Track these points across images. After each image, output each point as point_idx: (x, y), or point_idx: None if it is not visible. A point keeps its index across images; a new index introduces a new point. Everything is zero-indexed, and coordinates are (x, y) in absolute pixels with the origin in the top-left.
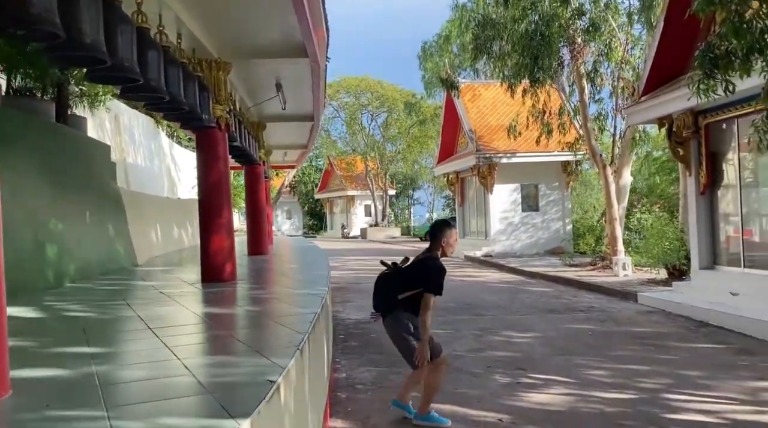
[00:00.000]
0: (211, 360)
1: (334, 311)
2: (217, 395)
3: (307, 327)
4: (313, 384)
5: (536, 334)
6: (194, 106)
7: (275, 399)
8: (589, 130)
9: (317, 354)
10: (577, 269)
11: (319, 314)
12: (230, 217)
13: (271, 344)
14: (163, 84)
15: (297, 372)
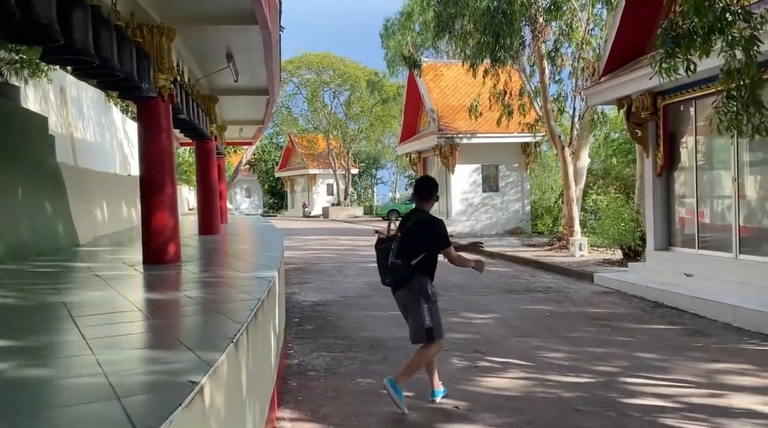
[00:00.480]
0: (131, 356)
1: (290, 293)
2: (127, 400)
3: (247, 315)
4: (255, 376)
5: (495, 315)
6: (131, 73)
7: (197, 403)
8: (549, 111)
9: (262, 343)
10: (535, 249)
11: (264, 301)
12: (174, 194)
13: (203, 336)
14: (91, 46)
15: (231, 367)
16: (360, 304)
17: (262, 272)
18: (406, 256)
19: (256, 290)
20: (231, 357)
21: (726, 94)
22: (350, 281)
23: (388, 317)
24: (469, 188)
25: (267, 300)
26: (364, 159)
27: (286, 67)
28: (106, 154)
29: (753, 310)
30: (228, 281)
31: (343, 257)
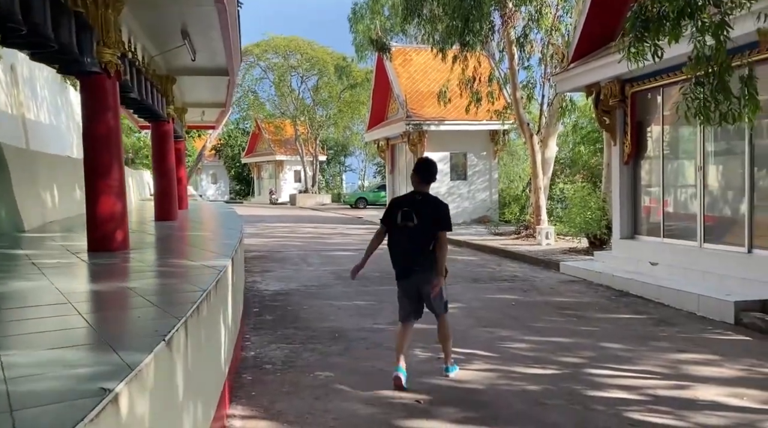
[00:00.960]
0: (41, 358)
1: (251, 281)
2: (22, 414)
3: (188, 309)
4: (198, 374)
5: (460, 305)
6: (69, 45)
7: (109, 415)
8: (518, 98)
9: (208, 338)
10: (502, 238)
11: (212, 292)
12: (121, 177)
13: (133, 333)
14: (17, 11)
15: (161, 369)
16: (323, 293)
17: (215, 260)
18: (424, 238)
19: (205, 280)
20: (161, 357)
21: (694, 80)
22: (314, 270)
23: (351, 307)
24: (437, 176)
25: (216, 292)
26: (333, 146)
27: (252, 51)
28: (62, 136)
29: (716, 299)
30: (176, 271)
31: (308, 245)
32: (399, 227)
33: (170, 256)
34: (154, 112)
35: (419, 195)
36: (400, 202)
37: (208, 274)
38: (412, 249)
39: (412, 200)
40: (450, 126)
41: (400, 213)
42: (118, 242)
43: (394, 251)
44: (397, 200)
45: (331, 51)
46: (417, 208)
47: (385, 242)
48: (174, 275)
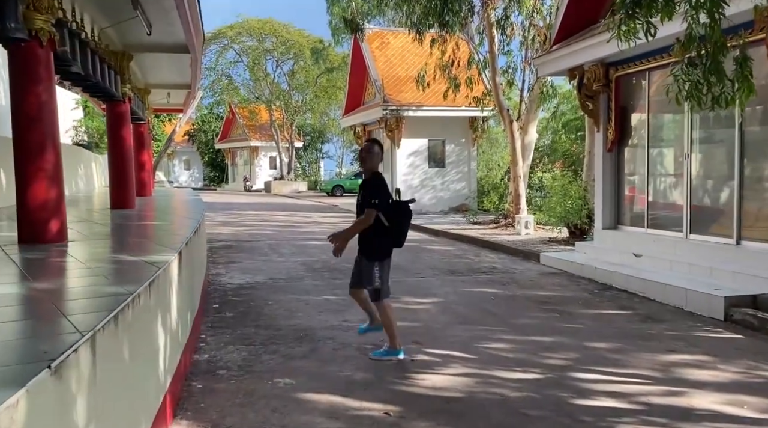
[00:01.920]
0: None
1: (214, 274)
2: None
3: (100, 320)
4: (121, 393)
5: (436, 299)
6: None
7: None
8: (498, 83)
9: (137, 349)
10: (481, 227)
11: (141, 295)
12: (57, 160)
13: (17, 354)
14: None
15: (48, 401)
16: (291, 287)
17: (159, 255)
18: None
19: (139, 280)
20: (44, 389)
21: (687, 61)
22: (284, 261)
23: (320, 303)
24: (414, 164)
25: (151, 293)
26: (310, 132)
27: (225, 33)
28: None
29: (704, 294)
30: (109, 268)
31: (280, 235)
32: (403, 204)
33: (111, 249)
34: (106, 91)
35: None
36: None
37: (145, 272)
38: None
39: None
40: (428, 112)
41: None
42: (53, 233)
43: (401, 229)
44: (384, 183)
45: (307, 34)
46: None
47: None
48: (105, 274)
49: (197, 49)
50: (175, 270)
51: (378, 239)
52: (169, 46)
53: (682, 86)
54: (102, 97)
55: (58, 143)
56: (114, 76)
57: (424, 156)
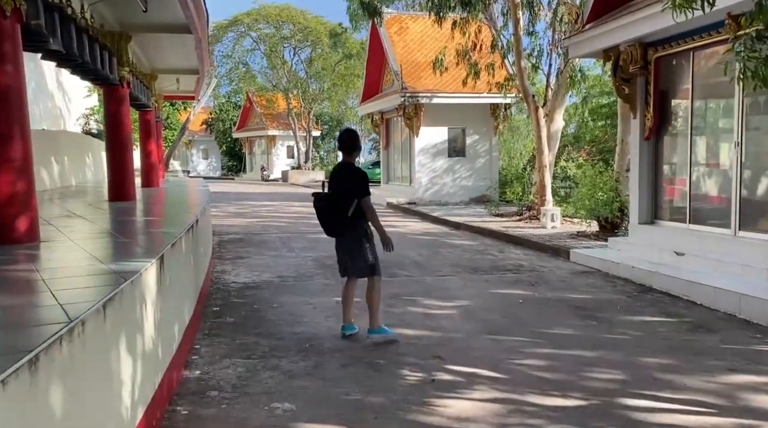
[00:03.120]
0: None
1: (219, 271)
2: None
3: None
4: None
5: (459, 303)
6: None
7: None
8: (522, 68)
9: (84, 385)
10: (503, 220)
11: (85, 322)
12: (26, 150)
13: None
14: None
15: None
16: (299, 287)
17: (134, 261)
18: (335, 203)
19: (93, 297)
20: None
21: (755, 35)
22: (294, 256)
23: (329, 306)
24: (434, 153)
25: (109, 314)
26: (327, 121)
27: (242, 20)
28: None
29: (763, 300)
30: (66, 280)
31: (294, 227)
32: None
33: (83, 253)
34: (97, 73)
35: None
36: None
37: (102, 283)
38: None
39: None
40: (448, 99)
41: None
42: (20, 232)
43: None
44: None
45: (325, 21)
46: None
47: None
48: (57, 288)
49: (199, 29)
50: (153, 280)
51: (361, 221)
52: (169, 25)
53: (744, 65)
54: (96, 80)
55: (27, 129)
56: (109, 57)
57: (443, 145)
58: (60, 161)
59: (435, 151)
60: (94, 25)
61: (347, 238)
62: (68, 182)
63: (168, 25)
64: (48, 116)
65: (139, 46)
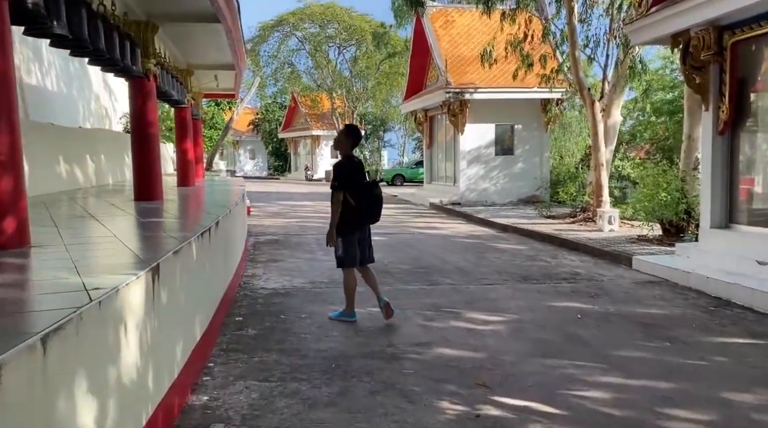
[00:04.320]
0: None
1: (249, 275)
2: None
3: None
4: None
5: (507, 317)
6: None
7: None
8: (577, 59)
9: None
10: (555, 222)
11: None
12: (13, 144)
13: None
14: None
15: None
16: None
17: (119, 273)
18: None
19: (40, 324)
20: None
21: None
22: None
23: (361, 318)
24: (480, 150)
25: (55, 348)
26: (371, 121)
27: (287, 20)
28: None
29: None
30: (15, 301)
31: None
32: (370, 186)
33: (70, 261)
34: (117, 64)
35: (356, 159)
36: (355, 167)
37: (58, 310)
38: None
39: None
40: (495, 94)
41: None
42: (6, 236)
43: (374, 206)
44: (352, 166)
45: (369, 19)
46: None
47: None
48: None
49: (228, 18)
50: (139, 296)
51: (343, 216)
52: (196, 14)
53: None
54: (118, 71)
55: (15, 120)
56: (132, 48)
57: (490, 143)
58: (96, 160)
59: (481, 149)
60: (115, 12)
61: (369, 226)
62: (105, 180)
63: (195, 14)
64: (93, 116)
65: (171, 38)
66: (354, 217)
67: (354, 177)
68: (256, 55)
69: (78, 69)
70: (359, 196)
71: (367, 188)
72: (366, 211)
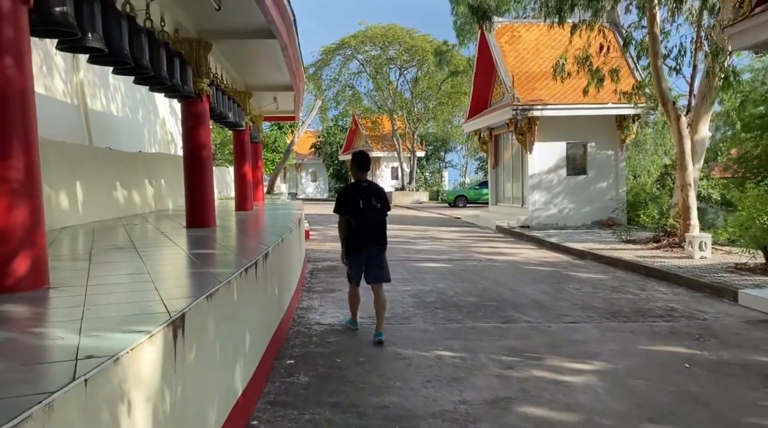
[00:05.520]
0: None
1: (304, 307)
2: None
3: None
4: None
5: (599, 365)
6: None
7: None
8: (660, 70)
9: None
10: (637, 248)
11: None
12: (30, 167)
13: None
14: None
15: None
16: (393, 333)
17: (130, 330)
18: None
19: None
20: None
21: None
22: (390, 290)
23: (429, 364)
24: (549, 171)
25: None
26: (432, 141)
27: (349, 43)
28: (137, 131)
29: None
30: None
31: (391, 252)
32: (365, 210)
33: (82, 307)
34: (164, 82)
35: (365, 183)
36: (355, 192)
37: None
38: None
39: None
40: (566, 111)
41: (361, 200)
42: (17, 277)
43: (362, 229)
44: (352, 191)
45: (431, 39)
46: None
47: None
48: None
49: (283, 33)
50: (154, 360)
51: (347, 239)
52: (250, 30)
53: None
54: (167, 91)
55: (33, 143)
56: (182, 66)
57: (561, 161)
58: (156, 185)
59: (551, 168)
60: (164, 28)
61: (382, 249)
62: (164, 205)
63: (250, 30)
64: (158, 141)
65: (227, 58)
66: (354, 240)
67: (352, 202)
68: (318, 79)
69: (144, 95)
70: (355, 220)
71: (358, 212)
72: (360, 234)
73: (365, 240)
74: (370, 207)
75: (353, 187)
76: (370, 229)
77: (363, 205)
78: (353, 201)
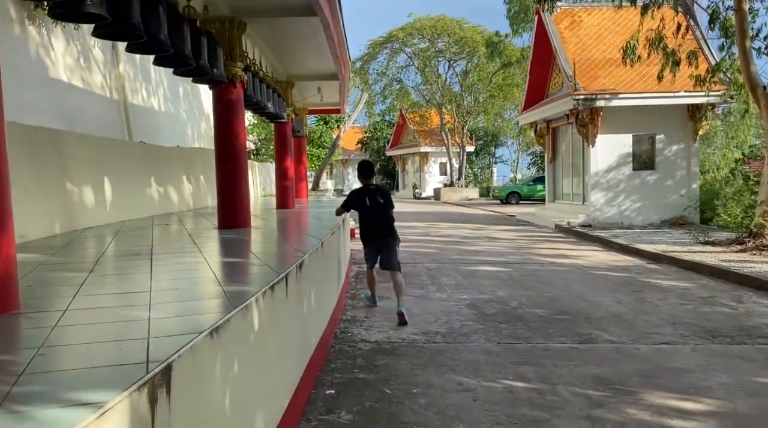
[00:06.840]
0: None
1: (347, 320)
2: None
3: None
4: None
5: (712, 404)
6: None
7: None
8: (749, 51)
9: None
10: (718, 250)
11: None
12: None
13: None
14: None
15: None
16: (452, 354)
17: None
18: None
19: None
20: None
21: None
22: (445, 299)
23: (497, 398)
24: (613, 165)
25: None
26: (482, 136)
27: (397, 35)
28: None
29: None
30: None
31: (443, 254)
32: (371, 207)
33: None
34: (192, 63)
35: (372, 186)
36: (361, 194)
37: None
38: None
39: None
40: (633, 100)
41: (368, 198)
42: None
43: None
44: (360, 193)
45: (481, 30)
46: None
47: None
48: None
49: (325, 8)
50: None
51: (361, 234)
52: (288, 6)
53: None
54: (193, 73)
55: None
56: (211, 47)
57: (626, 155)
58: (195, 181)
59: (616, 163)
60: (190, 3)
61: (393, 241)
62: (203, 203)
63: (287, 7)
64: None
65: (264, 40)
66: (366, 232)
67: (359, 202)
68: (365, 74)
69: (188, 90)
70: (365, 216)
71: (365, 209)
72: (369, 227)
73: (374, 232)
74: (375, 204)
75: (361, 189)
76: (376, 222)
77: (369, 203)
78: (360, 200)
